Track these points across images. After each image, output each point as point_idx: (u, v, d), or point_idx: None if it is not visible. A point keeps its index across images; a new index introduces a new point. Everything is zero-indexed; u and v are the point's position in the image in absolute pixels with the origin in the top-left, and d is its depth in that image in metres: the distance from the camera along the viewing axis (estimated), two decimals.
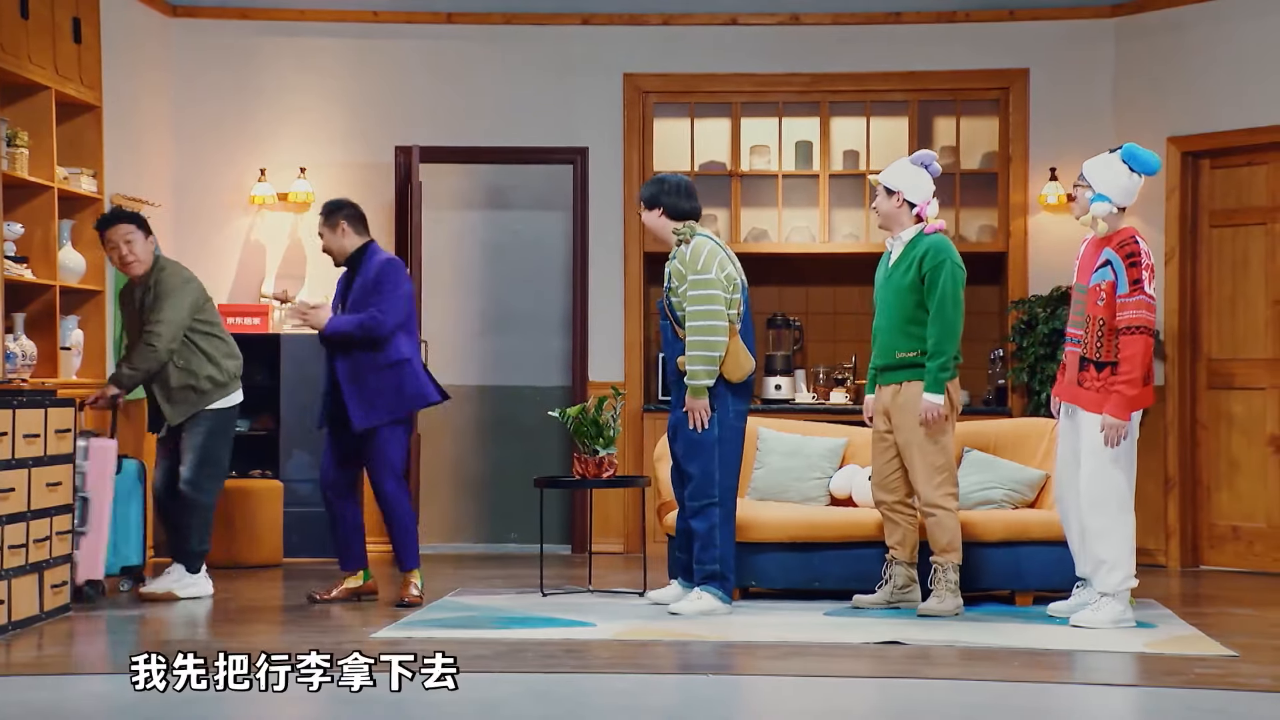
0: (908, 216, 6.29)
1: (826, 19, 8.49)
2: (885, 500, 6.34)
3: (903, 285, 6.25)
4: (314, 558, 8.01)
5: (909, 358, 6.25)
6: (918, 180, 6.30)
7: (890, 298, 6.29)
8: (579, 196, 8.60)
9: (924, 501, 6.25)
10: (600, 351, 8.56)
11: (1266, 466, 7.82)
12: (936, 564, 6.24)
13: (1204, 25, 7.97)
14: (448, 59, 8.55)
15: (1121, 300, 5.85)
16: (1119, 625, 5.89)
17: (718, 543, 6.17)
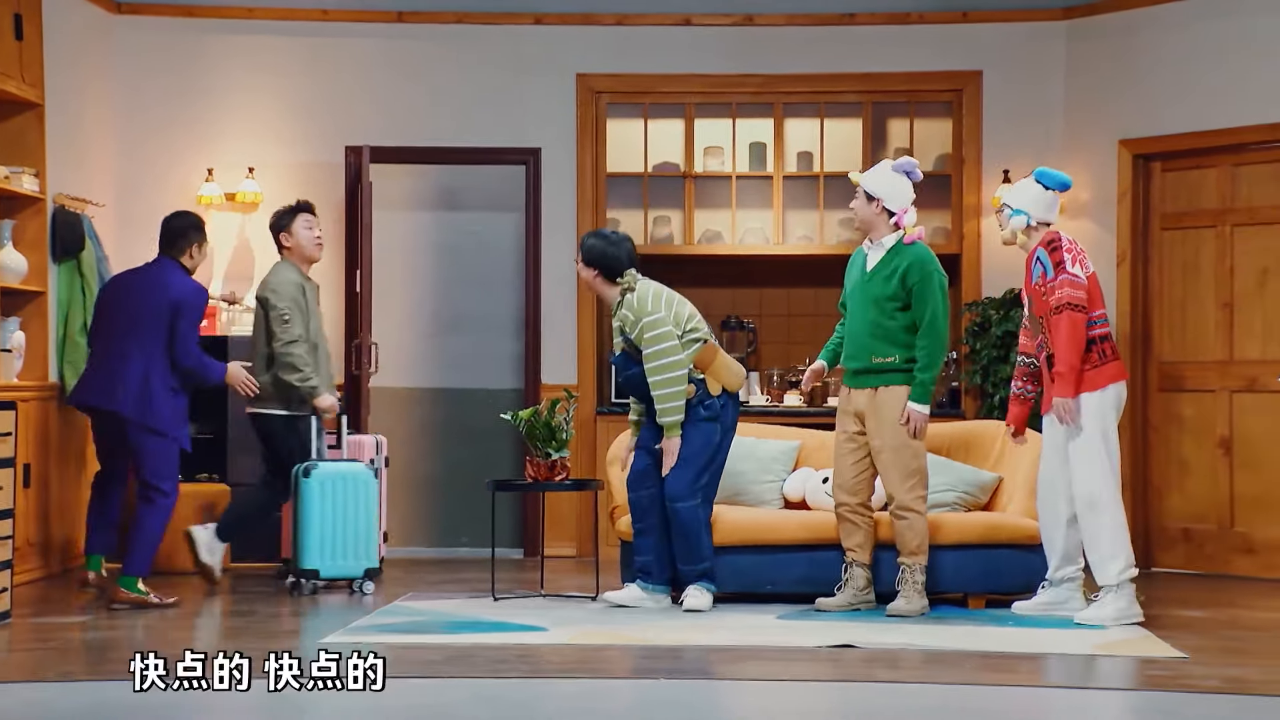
0: (886, 223, 6.30)
1: (780, 20, 8.47)
2: (847, 503, 6.33)
3: (882, 294, 6.26)
4: (261, 562, 7.90)
5: (886, 363, 6.26)
6: (899, 187, 6.32)
7: (867, 303, 6.29)
8: (531, 198, 8.54)
9: (897, 504, 6.25)
10: (553, 354, 8.51)
11: (1216, 469, 7.86)
12: (905, 565, 6.26)
13: (1155, 28, 8.00)
14: (399, 58, 8.48)
15: (1049, 285, 6.02)
16: (1123, 621, 5.93)
17: (708, 540, 6.32)
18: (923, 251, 6.29)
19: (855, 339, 6.30)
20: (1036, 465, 6.72)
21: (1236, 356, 7.80)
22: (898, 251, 6.27)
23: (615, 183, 8.60)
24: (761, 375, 8.58)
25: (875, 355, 6.25)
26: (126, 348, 6.51)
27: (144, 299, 6.55)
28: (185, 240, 6.67)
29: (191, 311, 6.50)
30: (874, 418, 6.26)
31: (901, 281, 6.23)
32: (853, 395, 6.32)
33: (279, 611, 6.49)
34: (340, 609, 6.51)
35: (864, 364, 6.28)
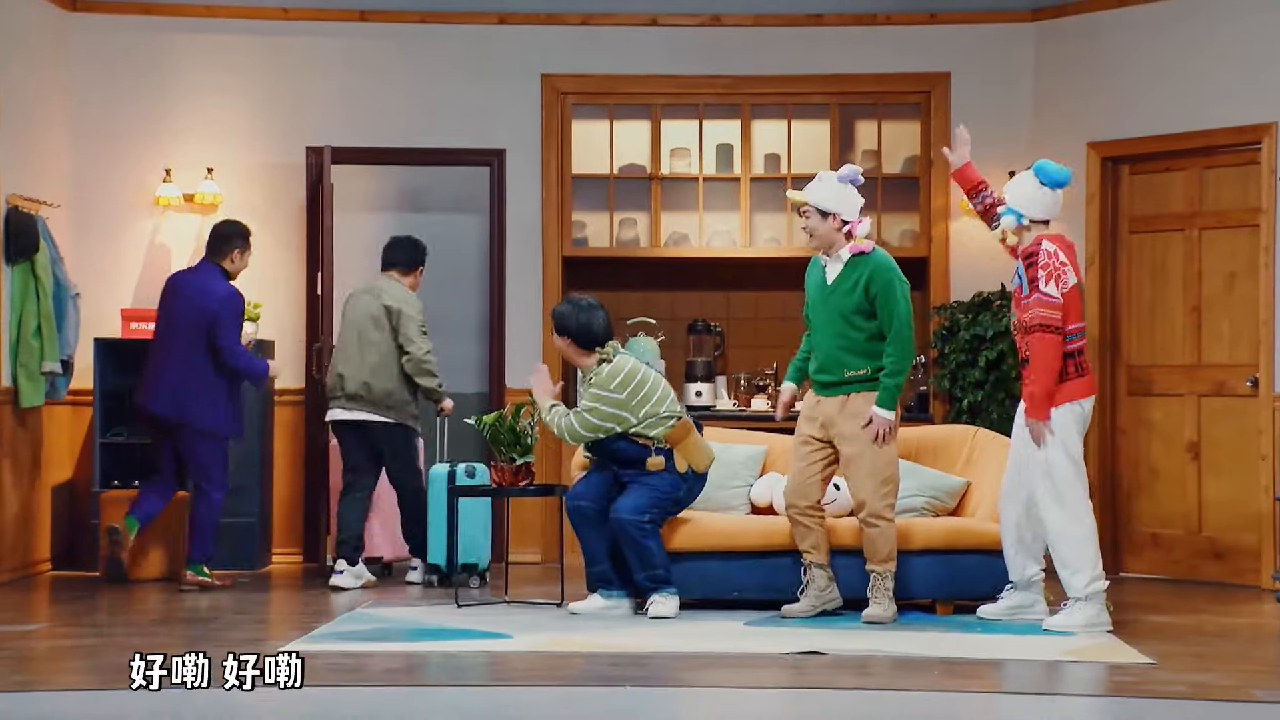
0: (842, 236, 6.26)
1: (747, 20, 8.42)
2: (798, 505, 6.30)
3: (848, 307, 6.24)
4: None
5: (858, 375, 6.25)
6: (849, 198, 6.29)
7: (834, 316, 6.26)
8: (496, 199, 8.46)
9: (870, 512, 6.22)
10: (518, 358, 8.43)
11: (1185, 473, 7.84)
12: (877, 573, 6.24)
13: (1122, 31, 7.99)
14: (361, 58, 8.39)
15: (1024, 302, 6.04)
16: (1092, 628, 5.93)
17: (657, 547, 6.33)
18: (882, 259, 6.28)
19: (825, 352, 6.27)
20: (1004, 470, 6.69)
21: (1205, 360, 7.79)
22: (857, 262, 6.25)
23: (581, 184, 8.53)
24: (729, 380, 8.52)
25: (847, 369, 6.25)
26: (167, 354, 7.07)
27: (184, 306, 7.06)
28: (229, 246, 7.16)
29: (228, 317, 6.99)
30: (846, 424, 6.23)
31: (865, 292, 6.22)
32: (822, 403, 6.28)
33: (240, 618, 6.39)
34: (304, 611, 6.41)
35: (836, 377, 6.26)
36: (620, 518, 6.28)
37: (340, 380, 7.36)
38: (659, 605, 6.29)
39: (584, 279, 8.65)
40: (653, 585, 6.30)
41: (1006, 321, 7.95)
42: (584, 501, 6.41)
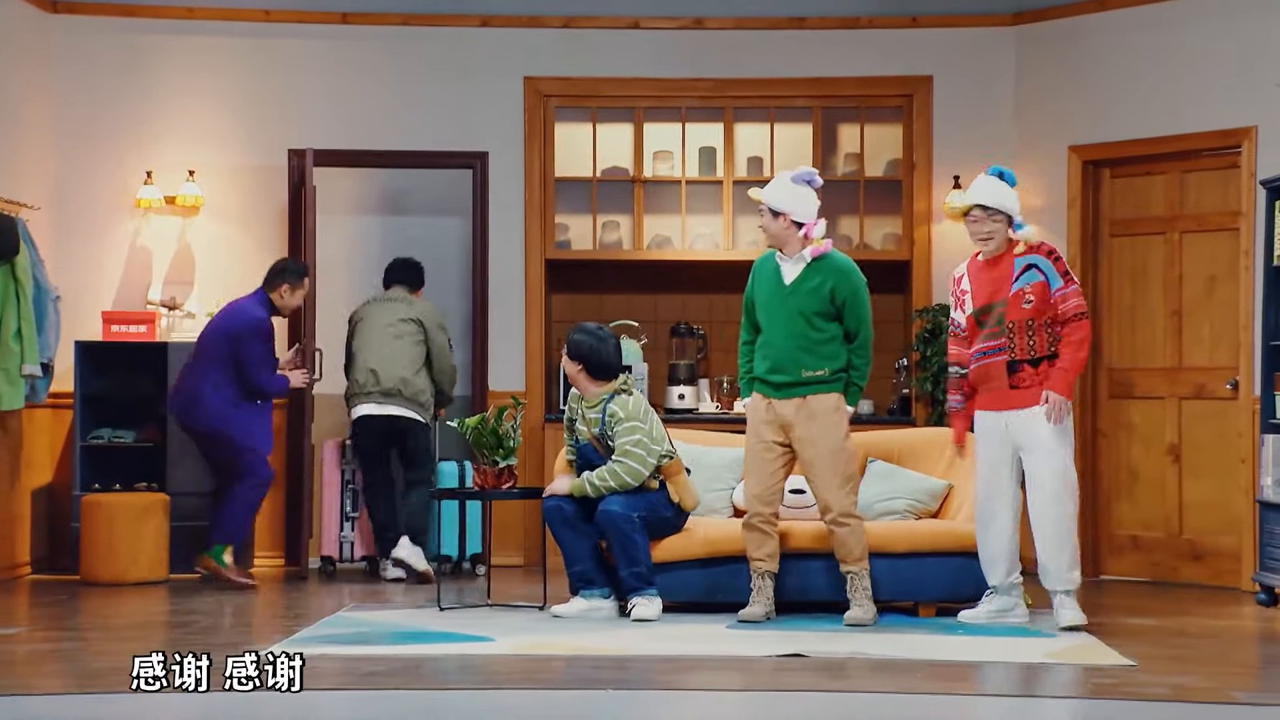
0: (797, 237, 6.25)
1: (730, 24, 8.42)
2: (762, 512, 6.29)
3: (808, 308, 6.23)
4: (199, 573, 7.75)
5: (816, 376, 6.23)
6: (803, 198, 6.27)
7: (793, 316, 6.24)
8: (478, 202, 8.45)
9: (839, 513, 6.22)
10: (500, 360, 8.42)
11: (1165, 476, 7.86)
12: (853, 574, 6.24)
13: (1103, 35, 8.01)
14: (343, 60, 8.37)
15: (1061, 294, 6.10)
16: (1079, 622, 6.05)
17: (644, 543, 6.34)
18: (845, 262, 6.29)
19: (781, 352, 6.24)
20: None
21: (1185, 363, 7.81)
22: (819, 264, 6.24)
23: (564, 187, 8.52)
24: (711, 382, 8.52)
25: (805, 369, 6.23)
26: (196, 367, 7.48)
27: (216, 326, 7.49)
28: (278, 281, 7.57)
29: (250, 341, 7.39)
30: (806, 427, 6.22)
31: (830, 296, 6.22)
32: (775, 405, 6.26)
33: (220, 622, 6.36)
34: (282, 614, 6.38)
35: (793, 378, 6.24)
36: (611, 510, 6.28)
37: (374, 376, 7.74)
38: (641, 607, 6.28)
39: (566, 281, 8.65)
40: (636, 584, 6.29)
41: None
42: (563, 502, 6.40)
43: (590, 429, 6.44)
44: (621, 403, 6.39)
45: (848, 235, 8.53)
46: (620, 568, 6.31)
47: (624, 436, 6.34)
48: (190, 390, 7.43)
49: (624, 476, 6.32)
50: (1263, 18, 7.45)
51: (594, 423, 6.43)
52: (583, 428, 6.47)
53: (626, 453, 6.33)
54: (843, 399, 6.25)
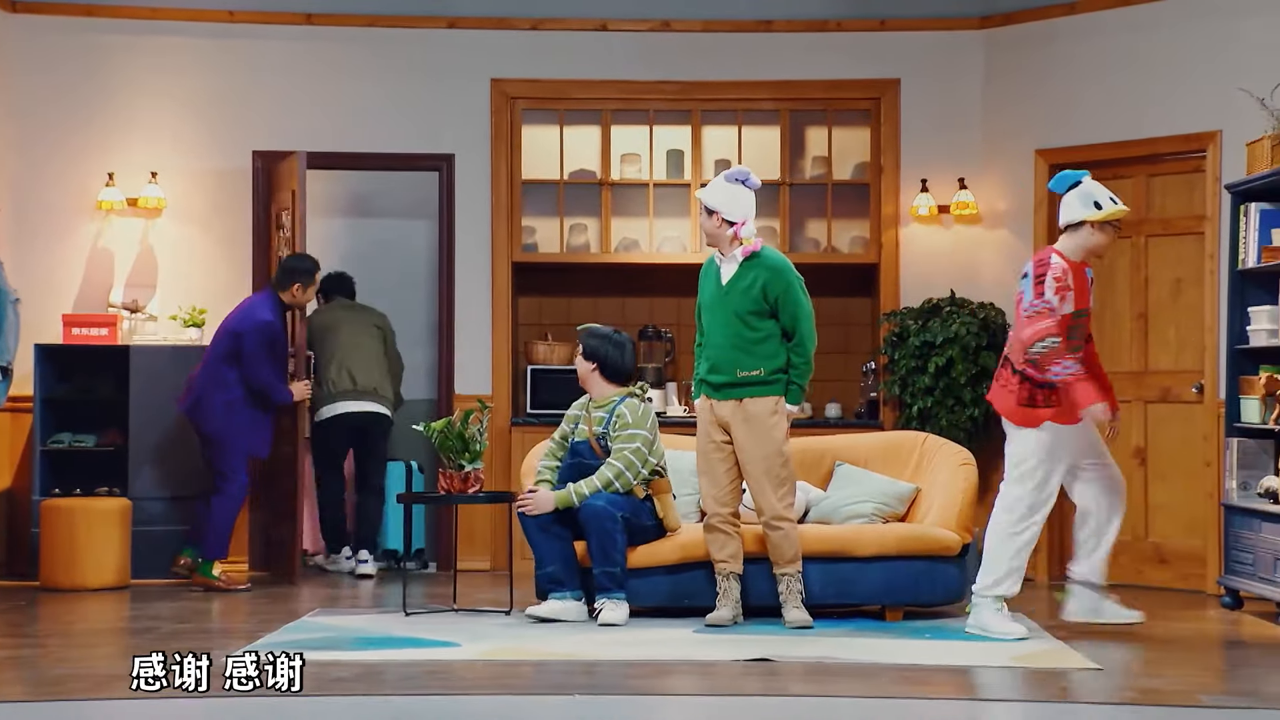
0: (728, 236, 6.25)
1: (697, 26, 8.40)
2: (721, 513, 6.28)
3: (743, 308, 6.22)
4: (161, 579, 7.70)
5: (752, 376, 6.23)
6: (736, 197, 6.25)
7: (729, 317, 6.24)
8: (445, 204, 8.40)
9: (773, 515, 6.22)
10: (467, 364, 8.38)
11: (1131, 479, 7.86)
12: (788, 576, 6.23)
13: (1070, 38, 8.03)
14: (308, 62, 8.31)
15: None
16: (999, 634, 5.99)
17: (623, 543, 6.33)
18: (778, 260, 6.29)
19: (719, 353, 6.23)
20: (956, 475, 6.69)
21: (1151, 367, 7.83)
22: (752, 263, 6.24)
23: (531, 190, 8.48)
24: (679, 385, 8.49)
25: (740, 369, 6.23)
26: (205, 367, 7.56)
27: (225, 325, 7.56)
28: (289, 280, 7.59)
29: (251, 340, 7.41)
30: (743, 429, 6.21)
31: (763, 294, 6.21)
32: (715, 407, 6.26)
33: (183, 628, 6.29)
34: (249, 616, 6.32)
35: (729, 378, 6.24)
36: (596, 505, 6.26)
37: (351, 377, 8.08)
38: (609, 612, 6.25)
39: (534, 285, 8.62)
40: (608, 584, 6.26)
41: (956, 327, 7.97)
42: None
43: (592, 428, 6.43)
44: (631, 407, 6.41)
45: (815, 238, 8.52)
46: (595, 564, 6.29)
47: (624, 442, 6.35)
48: (198, 388, 7.52)
49: (611, 478, 6.32)
50: (1228, 22, 7.48)
51: (598, 421, 6.42)
52: (584, 427, 6.46)
53: (622, 457, 6.33)
54: (782, 400, 6.24)
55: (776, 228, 8.42)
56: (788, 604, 6.22)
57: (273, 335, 7.47)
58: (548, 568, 6.34)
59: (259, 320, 7.46)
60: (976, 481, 6.74)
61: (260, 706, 4.62)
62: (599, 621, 6.23)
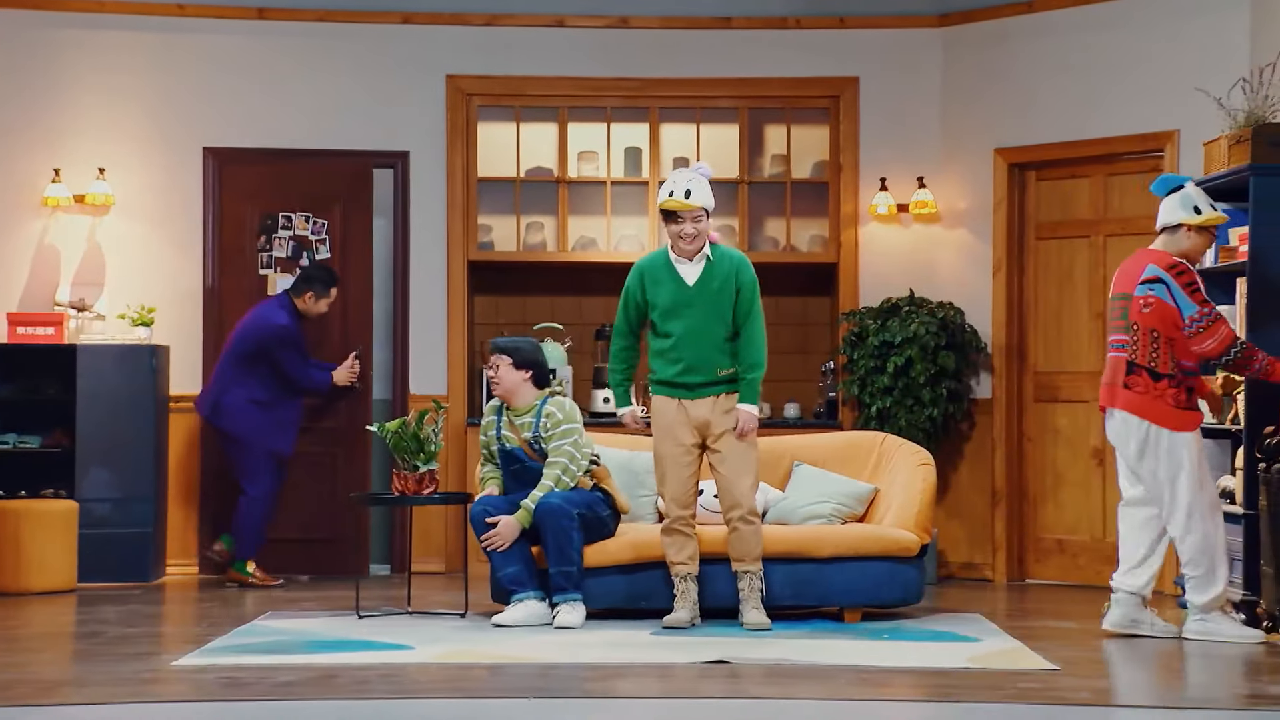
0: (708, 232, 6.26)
1: (656, 23, 8.35)
2: (683, 515, 6.24)
3: (721, 303, 6.19)
4: (112, 582, 7.57)
5: (729, 374, 6.21)
6: (709, 193, 6.25)
7: (707, 315, 6.19)
8: (400, 202, 8.31)
9: (747, 510, 6.19)
10: (421, 363, 8.29)
11: (1090, 479, 7.88)
12: (750, 574, 6.21)
13: (1028, 38, 8.02)
14: (259, 57, 8.20)
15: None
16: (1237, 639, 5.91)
17: (579, 542, 6.30)
18: (737, 253, 6.31)
19: (697, 352, 6.17)
20: (915, 475, 6.66)
21: None
22: (719, 258, 6.21)
23: (487, 187, 8.40)
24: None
25: (720, 368, 6.20)
26: (222, 368, 7.71)
27: (244, 329, 7.71)
28: (305, 287, 7.76)
29: (281, 345, 7.66)
30: (722, 424, 6.18)
31: (735, 285, 6.18)
32: (688, 407, 6.20)
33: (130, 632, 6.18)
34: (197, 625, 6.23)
35: (708, 378, 6.19)
36: (551, 504, 6.23)
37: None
38: (565, 614, 6.18)
39: (490, 283, 8.54)
40: (564, 584, 6.21)
41: (915, 327, 7.93)
42: (491, 506, 6.31)
43: (521, 434, 6.37)
44: (558, 404, 6.41)
45: (774, 237, 8.48)
46: (551, 564, 6.23)
47: (562, 439, 6.33)
48: (214, 391, 7.70)
49: (562, 476, 6.30)
50: (1185, 22, 7.49)
51: (525, 427, 6.38)
52: (510, 434, 6.39)
53: (563, 452, 6.31)
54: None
55: (735, 226, 8.37)
56: (747, 604, 6.17)
57: (292, 338, 7.68)
58: (510, 569, 6.27)
59: (278, 325, 7.65)
60: (935, 482, 6.71)
61: (207, 712, 4.53)
62: (555, 624, 6.16)
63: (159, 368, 7.88)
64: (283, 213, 8.26)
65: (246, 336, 7.67)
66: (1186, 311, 5.92)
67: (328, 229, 8.28)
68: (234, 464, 7.72)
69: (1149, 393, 5.96)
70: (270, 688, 4.94)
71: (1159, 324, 5.95)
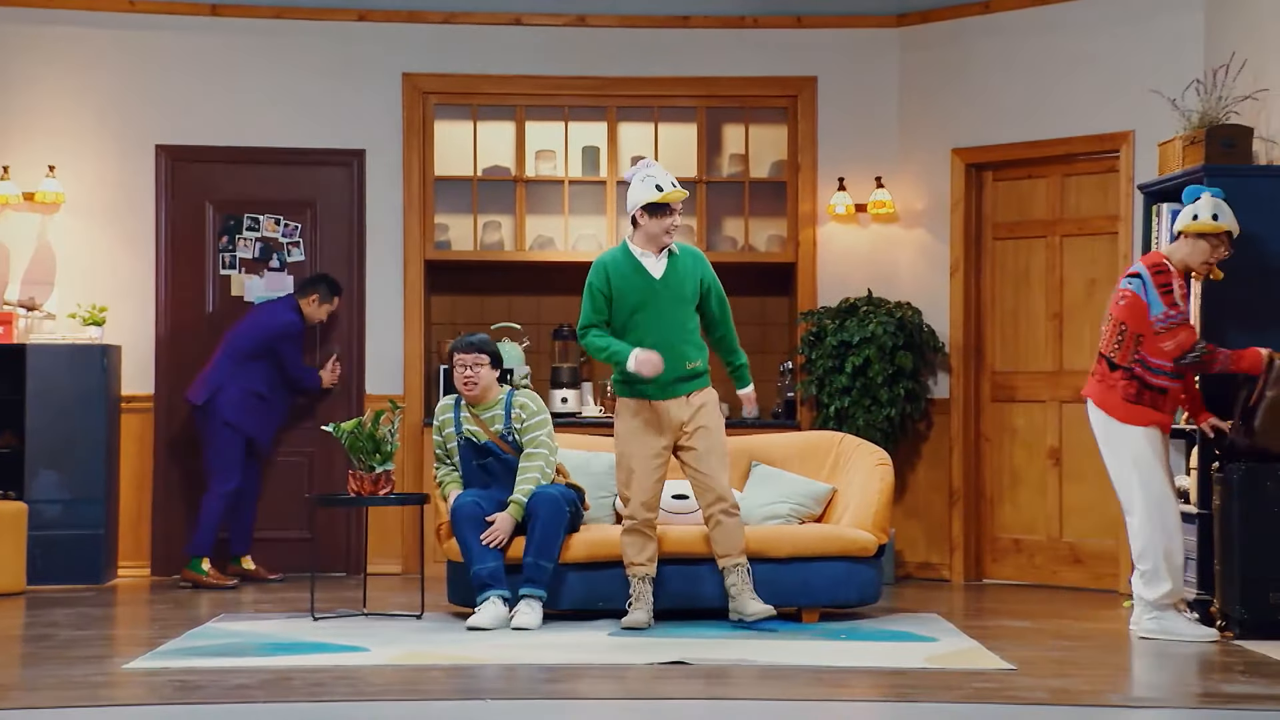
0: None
1: (614, 21, 8.32)
2: (649, 518, 6.23)
3: (684, 296, 6.21)
4: (62, 584, 7.47)
5: (695, 368, 6.21)
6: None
7: (673, 309, 6.18)
8: (356, 201, 8.25)
9: (731, 502, 6.20)
10: (378, 363, 8.23)
11: (1046, 479, 7.91)
12: (740, 566, 6.19)
13: (984, 38, 8.04)
14: (212, 54, 8.13)
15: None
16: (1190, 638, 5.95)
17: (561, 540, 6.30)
18: (692, 247, 6.36)
19: (667, 345, 6.16)
20: (873, 475, 6.66)
21: (1066, 367, 7.86)
22: (680, 252, 6.25)
23: (444, 186, 8.35)
24: (595, 386, 8.40)
25: (688, 361, 6.20)
26: (222, 358, 7.80)
27: (252, 325, 7.88)
28: (309, 290, 7.96)
29: (284, 341, 7.86)
30: (702, 417, 6.18)
31: (699, 283, 6.23)
32: (658, 407, 6.18)
33: (81, 635, 6.10)
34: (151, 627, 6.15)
35: (678, 372, 6.18)
36: (548, 492, 6.24)
37: None
38: (523, 615, 6.15)
39: (447, 283, 8.49)
40: (536, 575, 6.18)
41: (873, 327, 7.94)
42: (473, 500, 6.28)
43: (490, 427, 6.38)
44: (529, 394, 6.48)
45: (732, 237, 8.46)
46: (531, 554, 6.21)
47: (536, 429, 6.39)
48: (214, 381, 7.75)
49: (545, 469, 6.36)
50: (1140, 23, 7.53)
51: (496, 420, 6.37)
52: (475, 428, 6.38)
53: (543, 444, 6.38)
54: (714, 392, 6.28)
55: (694, 226, 8.36)
56: (744, 595, 6.14)
57: (297, 334, 7.90)
58: (490, 563, 6.22)
59: (286, 319, 7.85)
60: (893, 482, 6.72)
61: (160, 716, 4.47)
62: (513, 625, 6.13)
63: (110, 367, 7.79)
64: (248, 214, 8.20)
65: (255, 332, 7.80)
66: (1154, 311, 6.00)
67: (301, 232, 8.23)
68: (208, 459, 7.72)
69: (1104, 381, 6.07)
70: (224, 690, 4.89)
71: (1128, 318, 6.03)
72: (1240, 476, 6.06)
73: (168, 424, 8.05)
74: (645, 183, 6.20)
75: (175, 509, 8.00)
